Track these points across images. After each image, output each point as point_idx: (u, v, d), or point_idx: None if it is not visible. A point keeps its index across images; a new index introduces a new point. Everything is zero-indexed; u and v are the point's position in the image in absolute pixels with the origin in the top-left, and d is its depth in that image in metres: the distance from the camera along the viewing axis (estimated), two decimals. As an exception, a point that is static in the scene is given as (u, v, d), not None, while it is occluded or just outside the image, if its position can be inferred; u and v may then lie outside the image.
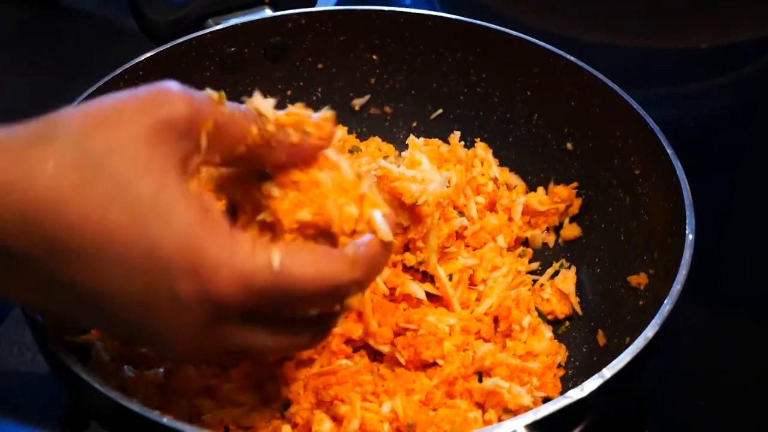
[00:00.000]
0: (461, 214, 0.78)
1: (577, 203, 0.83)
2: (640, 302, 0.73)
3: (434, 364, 0.71)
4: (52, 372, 0.63)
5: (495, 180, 0.84)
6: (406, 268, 0.74)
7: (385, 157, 0.83)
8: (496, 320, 0.76)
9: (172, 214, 0.49)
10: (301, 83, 0.89)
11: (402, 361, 0.70)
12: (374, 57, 0.89)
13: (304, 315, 0.54)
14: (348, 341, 0.70)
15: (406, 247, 0.74)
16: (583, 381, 0.59)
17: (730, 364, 0.81)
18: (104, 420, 0.63)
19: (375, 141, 0.89)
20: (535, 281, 0.80)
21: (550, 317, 0.78)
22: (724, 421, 0.77)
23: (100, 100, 0.51)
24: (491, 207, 0.83)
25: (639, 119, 0.76)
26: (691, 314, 0.81)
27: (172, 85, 0.51)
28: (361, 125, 0.92)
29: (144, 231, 0.48)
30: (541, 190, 0.84)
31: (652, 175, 0.75)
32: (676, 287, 0.64)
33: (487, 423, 0.67)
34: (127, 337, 0.56)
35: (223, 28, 0.84)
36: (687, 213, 0.68)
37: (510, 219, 0.83)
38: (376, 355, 0.72)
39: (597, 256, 0.81)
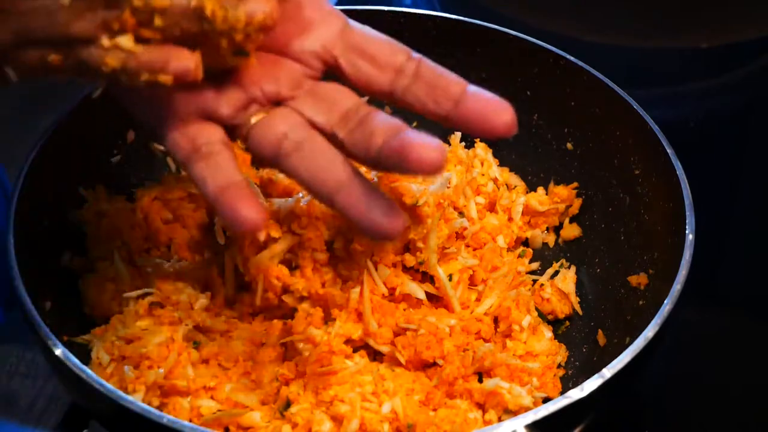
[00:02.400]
0: (461, 214, 0.78)
1: (577, 203, 0.84)
2: (640, 302, 0.73)
3: (434, 364, 0.71)
4: (52, 372, 0.63)
5: (495, 180, 0.84)
6: (406, 269, 0.74)
7: (385, 157, 0.83)
8: (496, 320, 0.76)
9: None
10: (301, 83, 0.89)
11: (402, 361, 0.70)
12: (374, 57, 0.89)
13: None
14: (348, 341, 0.70)
15: (406, 248, 0.74)
16: (583, 381, 0.59)
17: (730, 364, 0.81)
18: (104, 420, 0.63)
19: (375, 141, 0.89)
20: (535, 281, 0.80)
21: (550, 317, 0.78)
22: (724, 421, 0.77)
23: None
24: (491, 207, 0.83)
25: (639, 119, 0.76)
26: (691, 314, 0.81)
27: None
28: (361, 125, 0.92)
29: None
30: (541, 190, 0.85)
31: (652, 175, 0.75)
32: (676, 287, 0.64)
33: (487, 423, 0.67)
34: None
35: (223, 28, 0.84)
36: (687, 213, 0.68)
37: (510, 219, 0.83)
38: (376, 355, 0.72)
39: (597, 256, 0.81)
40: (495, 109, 0.56)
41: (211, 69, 0.55)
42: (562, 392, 0.71)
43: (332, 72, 0.59)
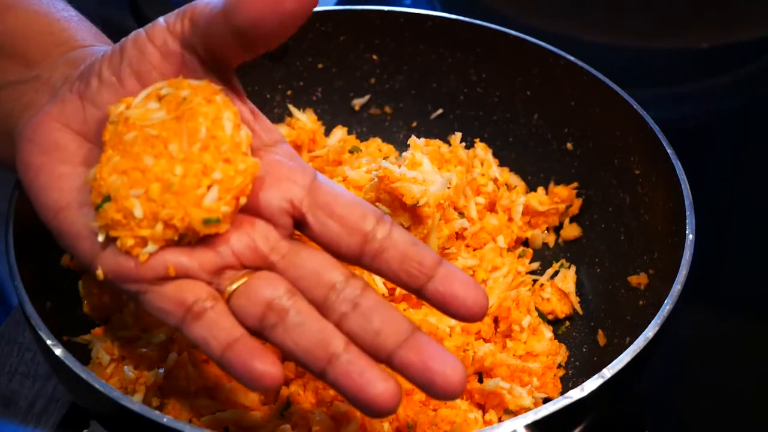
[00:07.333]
0: (461, 214, 0.78)
1: (577, 203, 0.84)
2: (640, 302, 0.73)
3: (434, 364, 0.71)
4: (52, 372, 0.63)
5: (495, 180, 0.84)
6: (406, 268, 0.74)
7: (386, 158, 0.83)
8: (496, 320, 0.76)
9: None
10: (301, 83, 0.89)
11: (402, 361, 0.70)
12: (374, 57, 0.89)
13: None
14: (348, 341, 0.70)
15: (406, 247, 0.74)
16: (583, 381, 0.59)
17: (730, 364, 0.81)
18: (104, 420, 0.63)
19: (375, 141, 0.89)
20: (535, 281, 0.80)
21: (550, 317, 0.78)
22: (724, 421, 0.77)
23: None
24: (491, 207, 0.83)
25: (639, 119, 0.76)
26: (691, 314, 0.81)
27: None
28: (361, 125, 0.92)
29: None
30: (541, 190, 0.84)
31: (652, 175, 0.75)
32: (676, 287, 0.64)
33: (487, 423, 0.67)
34: None
35: (223, 28, 0.84)
36: (687, 213, 0.68)
37: (510, 219, 0.83)
38: (376, 355, 0.72)
39: (597, 256, 0.81)
40: (470, 289, 0.53)
41: (182, 237, 0.52)
42: (562, 392, 0.71)
43: (299, 229, 0.55)
